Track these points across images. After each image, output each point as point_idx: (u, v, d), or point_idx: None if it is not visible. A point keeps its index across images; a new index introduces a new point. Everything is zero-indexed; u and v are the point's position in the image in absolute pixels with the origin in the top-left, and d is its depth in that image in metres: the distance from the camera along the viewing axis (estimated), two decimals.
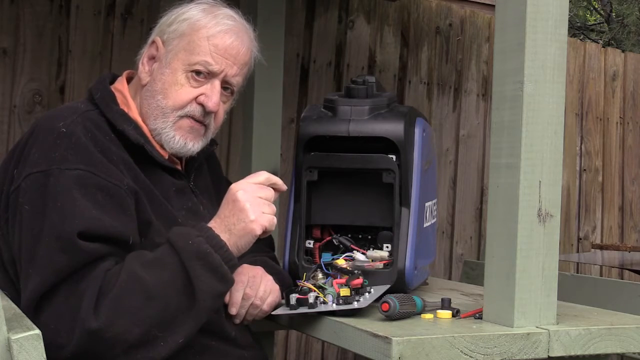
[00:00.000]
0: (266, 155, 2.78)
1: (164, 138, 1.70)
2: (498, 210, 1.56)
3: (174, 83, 1.69)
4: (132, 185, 1.57)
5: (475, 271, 3.04)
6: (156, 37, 1.74)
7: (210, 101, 1.70)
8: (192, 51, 1.69)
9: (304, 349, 3.64)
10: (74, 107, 1.65)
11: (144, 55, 1.75)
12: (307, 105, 3.51)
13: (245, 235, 1.56)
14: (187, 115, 1.70)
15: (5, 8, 2.96)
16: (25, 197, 1.51)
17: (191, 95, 1.70)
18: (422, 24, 3.97)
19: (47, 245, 1.46)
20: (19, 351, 1.22)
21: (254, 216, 1.56)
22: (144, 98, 1.72)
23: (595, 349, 1.54)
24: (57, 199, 1.48)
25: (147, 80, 1.72)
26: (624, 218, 4.69)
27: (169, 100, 1.69)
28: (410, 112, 1.86)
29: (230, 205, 1.57)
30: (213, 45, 1.70)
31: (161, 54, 1.72)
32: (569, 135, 4.42)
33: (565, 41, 1.56)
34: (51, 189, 1.49)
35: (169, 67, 1.70)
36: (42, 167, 1.52)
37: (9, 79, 2.97)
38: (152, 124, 1.70)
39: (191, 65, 1.69)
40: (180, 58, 1.70)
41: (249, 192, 1.58)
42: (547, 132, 1.54)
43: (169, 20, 1.74)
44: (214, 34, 1.70)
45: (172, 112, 1.70)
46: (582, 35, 10.06)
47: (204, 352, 1.61)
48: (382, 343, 1.38)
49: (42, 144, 1.55)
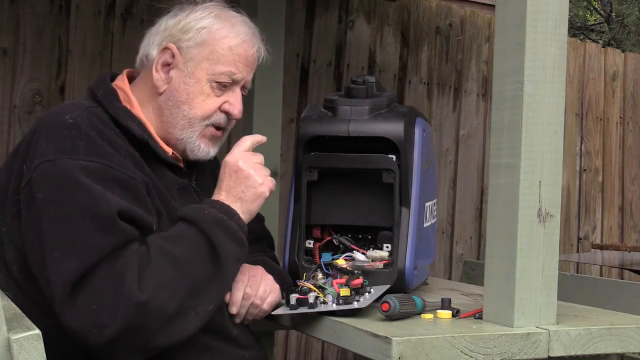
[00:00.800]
0: (266, 155, 2.75)
1: (189, 147, 1.74)
2: (498, 210, 1.56)
3: (200, 93, 1.72)
4: (143, 177, 1.59)
5: (475, 271, 3.04)
6: (169, 44, 1.72)
7: (236, 109, 1.76)
8: (216, 61, 1.72)
9: (304, 349, 3.64)
10: (77, 103, 1.66)
11: (157, 62, 1.73)
12: (307, 105, 3.51)
13: (256, 199, 1.65)
14: (212, 124, 1.75)
15: (5, 8, 2.96)
16: (37, 186, 1.51)
17: (216, 104, 1.74)
18: (422, 24, 3.97)
19: (81, 227, 1.46)
20: (19, 351, 1.22)
21: (261, 180, 1.66)
22: (166, 107, 1.72)
23: (595, 349, 1.54)
24: (78, 184, 1.48)
25: (164, 88, 1.73)
26: (624, 218, 4.69)
27: (196, 111, 1.72)
28: (410, 112, 1.86)
29: (234, 175, 1.65)
30: (236, 55, 1.73)
31: (179, 62, 1.72)
32: (569, 135, 4.42)
33: (565, 41, 1.56)
34: (65, 175, 1.49)
35: (192, 77, 1.72)
36: (51, 156, 1.52)
37: (9, 79, 2.97)
38: (179, 134, 1.73)
39: (216, 76, 1.72)
40: (203, 68, 1.71)
41: (247, 160, 1.67)
42: (547, 132, 1.54)
43: (181, 26, 1.73)
44: (237, 44, 1.73)
45: (199, 122, 1.73)
46: (582, 35, 10.06)
47: (205, 352, 1.61)
48: (382, 343, 1.38)
49: (50, 136, 1.55)
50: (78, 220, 1.47)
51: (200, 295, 1.51)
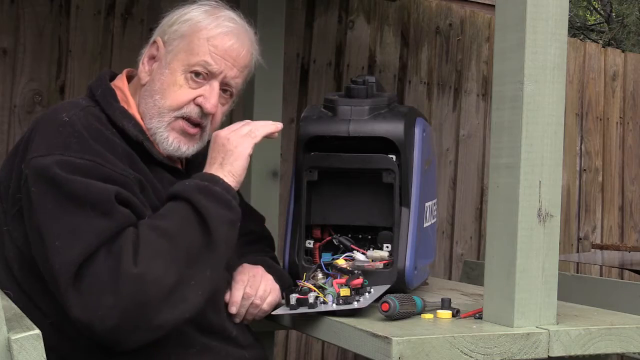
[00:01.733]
0: (266, 155, 2.78)
1: (157, 138, 1.71)
2: (498, 210, 1.56)
3: (173, 83, 1.70)
4: (136, 175, 1.59)
5: (475, 271, 3.04)
6: (157, 37, 1.74)
7: (208, 102, 1.70)
8: (191, 52, 1.70)
9: (304, 349, 3.64)
10: (75, 103, 1.66)
11: (145, 55, 1.75)
12: (307, 105, 3.51)
13: (238, 159, 1.63)
14: (183, 117, 1.71)
15: (5, 8, 2.96)
16: (32, 181, 1.51)
17: (189, 96, 1.70)
18: (422, 24, 3.97)
19: (80, 214, 1.47)
20: (19, 351, 1.22)
21: (238, 140, 1.64)
22: (142, 97, 1.72)
23: (595, 349, 1.54)
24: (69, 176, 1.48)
25: (146, 79, 1.73)
26: (624, 218, 4.69)
27: (166, 100, 1.69)
28: (410, 112, 1.86)
29: (213, 146, 1.66)
30: (213, 46, 1.70)
31: (161, 54, 1.72)
32: (569, 135, 4.41)
33: (565, 41, 1.56)
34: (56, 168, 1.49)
35: (168, 67, 1.71)
36: (42, 151, 1.52)
37: (9, 79, 2.97)
38: (148, 123, 1.70)
39: (190, 66, 1.69)
40: (180, 59, 1.70)
41: (226, 130, 1.66)
42: (547, 132, 1.54)
43: (171, 20, 1.75)
44: (214, 35, 1.70)
45: (168, 112, 1.70)
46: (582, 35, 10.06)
47: (205, 352, 1.61)
48: (382, 343, 1.38)
49: (44, 132, 1.56)
50: (76, 209, 1.47)
51: (196, 262, 1.51)
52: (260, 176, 2.77)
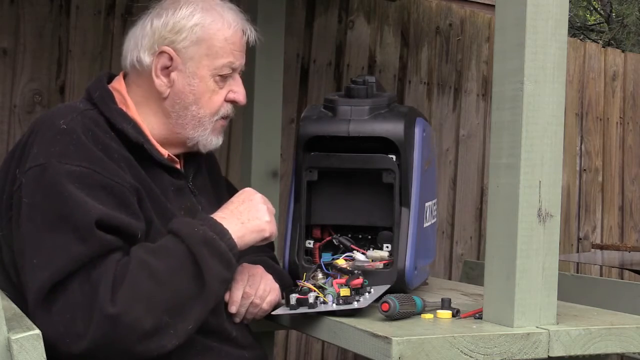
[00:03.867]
0: (266, 155, 2.78)
1: (201, 143, 1.75)
2: (498, 210, 1.56)
3: (206, 91, 1.72)
4: (133, 183, 1.58)
5: (475, 271, 3.04)
6: (164, 48, 1.70)
7: (240, 95, 1.77)
8: (215, 55, 1.71)
9: (304, 349, 3.64)
10: (72, 106, 1.65)
11: (155, 67, 1.71)
12: (307, 105, 3.51)
13: (256, 232, 1.63)
14: (222, 117, 1.76)
15: (5, 8, 2.96)
16: (25, 191, 1.51)
17: (222, 97, 1.75)
18: (422, 24, 3.97)
19: (61, 235, 1.46)
20: (19, 351, 1.22)
21: (269, 218, 1.65)
22: (174, 111, 1.72)
23: (595, 349, 1.54)
24: (62, 191, 1.48)
25: (167, 92, 1.71)
26: (624, 218, 4.69)
27: (205, 109, 1.73)
28: (410, 112, 1.86)
29: (247, 202, 1.65)
30: (232, 44, 1.74)
31: (178, 64, 1.70)
32: (569, 135, 4.42)
33: (565, 41, 1.56)
34: (51, 181, 1.49)
35: (195, 76, 1.71)
36: (40, 161, 1.52)
37: (9, 79, 2.97)
38: (191, 134, 1.74)
39: (218, 69, 1.72)
40: (205, 65, 1.71)
41: (265, 200, 1.68)
42: (547, 132, 1.54)
43: (170, 27, 1.71)
44: (231, 34, 1.74)
45: (209, 120, 1.74)
46: (582, 35, 10.06)
47: (205, 352, 1.61)
48: (382, 343, 1.38)
49: (42, 139, 1.55)
50: (58, 230, 1.47)
51: (181, 313, 1.49)
52: (260, 176, 2.77)
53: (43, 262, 1.46)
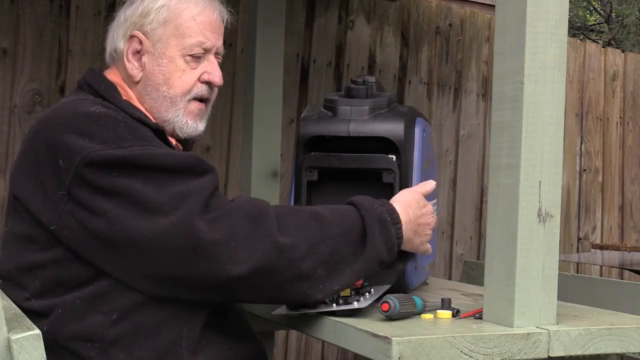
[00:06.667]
0: (266, 155, 2.78)
1: (177, 126, 1.74)
2: (498, 210, 1.56)
3: (175, 70, 1.72)
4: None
5: (475, 271, 3.04)
6: (134, 32, 1.72)
7: (215, 76, 1.76)
8: (182, 35, 1.72)
9: (304, 349, 3.64)
10: (84, 98, 1.66)
11: (126, 51, 1.73)
12: (307, 105, 3.51)
13: (421, 234, 1.72)
14: (195, 98, 1.75)
15: (5, 8, 2.96)
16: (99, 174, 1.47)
17: (194, 77, 1.74)
18: (422, 24, 3.97)
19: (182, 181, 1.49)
20: (19, 351, 1.22)
21: (428, 237, 1.74)
22: (146, 93, 1.73)
23: (595, 349, 1.54)
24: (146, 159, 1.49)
25: (139, 75, 1.73)
26: (624, 218, 4.69)
27: (176, 89, 1.72)
28: (410, 112, 1.86)
29: (422, 207, 1.71)
30: (201, 23, 1.73)
31: (148, 47, 1.72)
32: (569, 135, 4.42)
33: (565, 41, 1.56)
34: (125, 152, 1.49)
35: (164, 56, 1.72)
36: (97, 148, 1.49)
37: (9, 79, 2.97)
38: (164, 115, 1.73)
39: (187, 49, 1.72)
40: (173, 45, 1.72)
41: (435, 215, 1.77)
42: (547, 132, 1.53)
43: (140, 11, 1.73)
44: (198, 13, 1.73)
45: (181, 99, 1.73)
46: (582, 35, 10.06)
47: (206, 348, 1.61)
48: (382, 343, 1.38)
49: (81, 129, 1.52)
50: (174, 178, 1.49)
51: (334, 272, 1.53)
52: (260, 176, 2.77)
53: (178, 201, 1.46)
